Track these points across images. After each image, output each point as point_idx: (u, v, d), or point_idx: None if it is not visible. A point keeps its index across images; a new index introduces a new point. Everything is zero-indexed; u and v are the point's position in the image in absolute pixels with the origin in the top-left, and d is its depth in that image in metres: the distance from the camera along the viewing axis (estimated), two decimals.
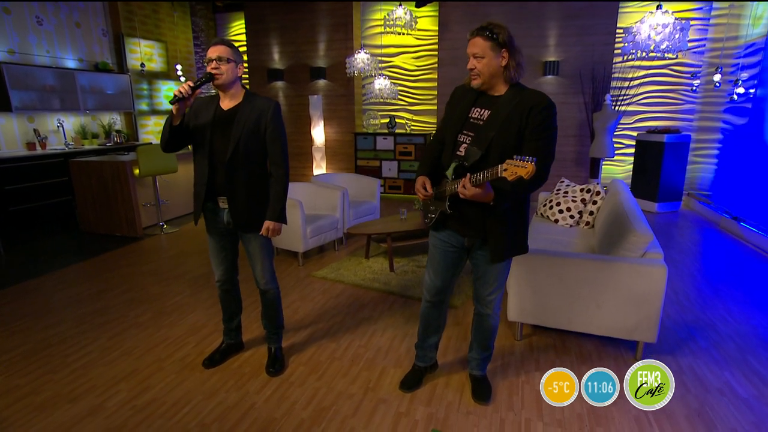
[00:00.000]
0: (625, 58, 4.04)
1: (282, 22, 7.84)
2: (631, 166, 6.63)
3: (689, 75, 6.60)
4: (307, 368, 2.65)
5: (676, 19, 3.72)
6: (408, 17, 6.32)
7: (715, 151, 6.51)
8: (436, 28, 7.21)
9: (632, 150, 6.63)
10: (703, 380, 2.54)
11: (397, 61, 7.74)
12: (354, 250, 4.89)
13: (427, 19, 7.34)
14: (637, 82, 6.66)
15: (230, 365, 2.70)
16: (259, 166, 2.41)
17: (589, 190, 3.90)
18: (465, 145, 1.98)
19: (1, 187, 5.53)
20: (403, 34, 7.32)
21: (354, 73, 6.87)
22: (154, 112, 8.29)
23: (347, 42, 7.53)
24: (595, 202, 3.84)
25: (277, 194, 2.41)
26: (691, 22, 6.07)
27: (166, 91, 8.46)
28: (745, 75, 5.77)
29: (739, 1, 5.76)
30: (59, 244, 5.21)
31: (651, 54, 3.94)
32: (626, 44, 3.99)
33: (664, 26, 3.63)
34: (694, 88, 6.53)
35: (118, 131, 7.45)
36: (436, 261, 2.24)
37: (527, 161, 1.58)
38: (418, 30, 7.20)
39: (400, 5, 6.41)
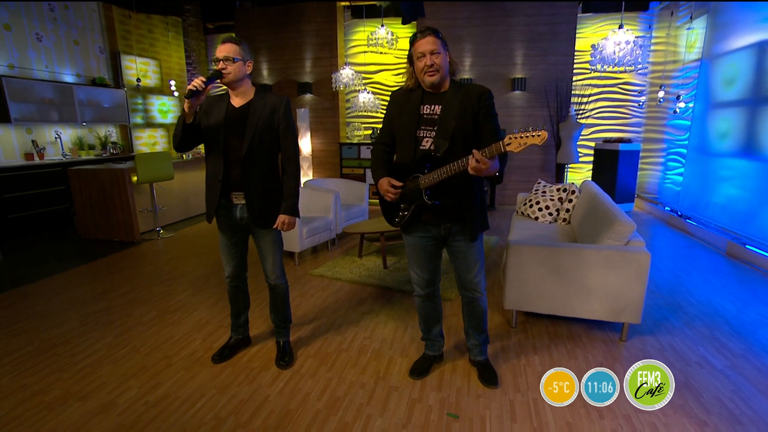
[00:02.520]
0: (593, 70, 4.06)
1: (270, 42, 7.64)
2: (590, 172, 6.72)
3: (636, 93, 6.77)
4: (316, 360, 2.47)
5: (636, 37, 3.77)
6: (389, 36, 6.26)
7: (660, 159, 6.66)
8: None
9: (591, 158, 6.73)
10: (683, 355, 2.51)
11: (377, 77, 7.64)
12: (346, 249, 4.72)
13: (406, 40, 7.28)
14: (593, 98, 6.77)
15: (239, 360, 2.49)
16: (272, 161, 2.25)
17: (565, 190, 3.88)
18: (428, 139, 1.96)
19: (0, 195, 5.11)
20: (384, 53, 7.28)
21: (340, 87, 6.73)
22: (148, 125, 7.92)
23: (332, 60, 7.39)
24: (570, 200, 3.81)
25: (290, 189, 2.25)
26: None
27: (160, 105, 8.10)
28: (683, 92, 5.94)
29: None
30: (58, 249, 4.83)
31: (614, 68, 3.96)
32: (593, 58, 4.01)
33: (627, 43, 3.66)
34: (641, 104, 6.69)
35: (113, 143, 7.06)
36: (419, 257, 2.14)
37: (538, 130, 1.62)
38: (398, 49, 7.14)
39: (382, 26, 6.34)
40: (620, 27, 3.81)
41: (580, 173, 7.17)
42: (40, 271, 4.01)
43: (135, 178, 5.01)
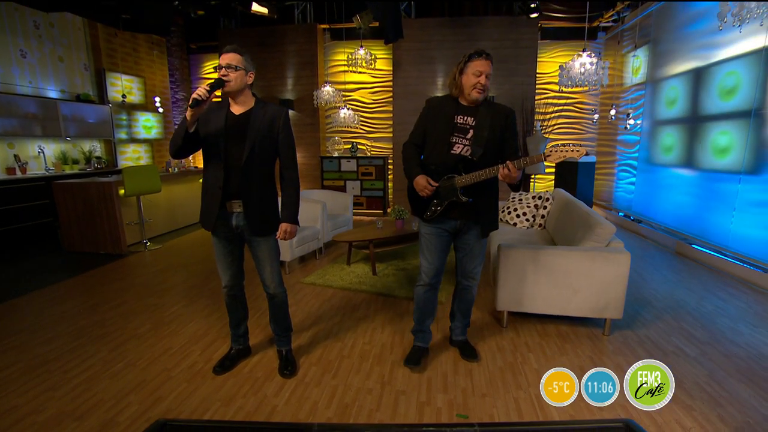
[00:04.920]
0: (560, 89, 4.14)
1: (253, 61, 7.42)
2: (552, 182, 6.86)
3: (590, 111, 7.00)
4: (320, 368, 2.32)
5: (598, 60, 3.87)
6: (369, 57, 6.22)
7: (612, 170, 6.90)
8: (390, 68, 7.15)
9: (552, 169, 6.87)
10: (660, 346, 2.53)
11: (355, 95, 7.57)
12: (334, 258, 4.56)
13: (382, 61, 7.26)
14: (552, 115, 6.95)
15: (241, 370, 2.30)
16: (270, 169, 2.12)
17: (540, 197, 3.90)
18: (459, 145, 2.06)
19: None
20: (362, 73, 7.22)
21: (320, 103, 6.63)
22: (133, 140, 7.49)
23: (313, 78, 7.26)
24: (545, 207, 3.83)
25: (290, 196, 2.11)
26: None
27: (144, 121, 7.70)
28: (631, 111, 6.18)
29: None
30: (43, 263, 4.42)
31: (581, 86, 4.05)
32: (561, 78, 4.09)
33: (591, 65, 3.75)
34: (594, 121, 6.92)
35: (98, 158, 6.62)
36: (433, 246, 2.18)
37: (578, 146, 1.79)
38: (375, 69, 7.11)
39: (361, 47, 6.29)
40: (584, 50, 3.91)
41: (542, 183, 7.32)
42: (26, 286, 3.64)
43: (122, 191, 4.70)
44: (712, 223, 4.31)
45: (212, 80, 1.90)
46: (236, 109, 2.03)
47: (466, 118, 2.06)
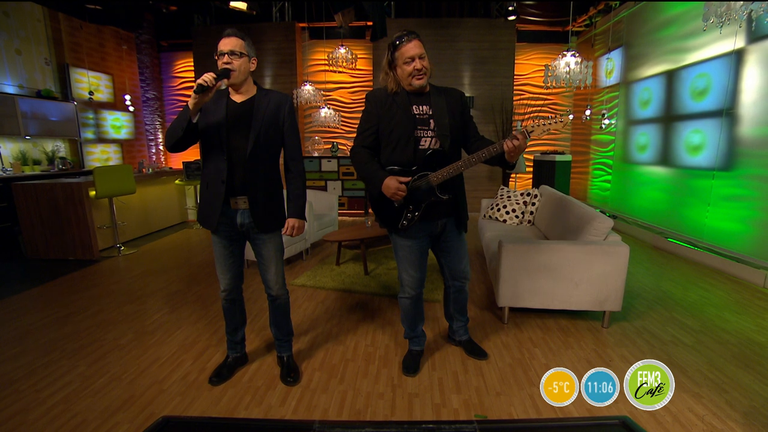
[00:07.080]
0: (548, 85, 4.18)
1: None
2: (530, 180, 6.95)
3: (564, 113, 7.13)
4: (324, 373, 2.18)
5: (582, 60, 3.93)
6: (349, 56, 6.09)
7: (585, 168, 7.07)
8: (370, 68, 7.05)
9: (530, 168, 6.96)
10: (658, 336, 2.54)
11: (334, 95, 7.43)
12: (321, 258, 4.40)
13: (362, 60, 7.15)
14: (528, 116, 7.05)
15: (240, 379, 2.13)
16: (275, 161, 1.96)
17: (528, 194, 3.90)
18: (426, 138, 1.88)
19: None
20: (341, 72, 7.09)
21: (300, 102, 6.45)
22: (101, 140, 7.03)
23: (292, 77, 7.05)
24: (534, 204, 3.83)
25: (297, 189, 1.96)
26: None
27: (113, 120, 7.24)
28: (605, 111, 6.35)
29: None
30: (3, 271, 4.02)
31: (569, 85, 4.10)
32: (548, 76, 4.13)
33: (575, 64, 3.80)
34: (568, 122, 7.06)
35: (62, 158, 6.14)
36: (415, 257, 2.01)
37: (558, 116, 1.70)
38: (354, 69, 6.99)
39: (342, 46, 6.16)
40: (568, 50, 3.96)
41: (520, 181, 7.41)
42: None
43: (93, 193, 4.36)
44: (687, 217, 4.46)
45: (217, 72, 1.73)
46: (237, 98, 1.86)
47: (421, 107, 1.87)
